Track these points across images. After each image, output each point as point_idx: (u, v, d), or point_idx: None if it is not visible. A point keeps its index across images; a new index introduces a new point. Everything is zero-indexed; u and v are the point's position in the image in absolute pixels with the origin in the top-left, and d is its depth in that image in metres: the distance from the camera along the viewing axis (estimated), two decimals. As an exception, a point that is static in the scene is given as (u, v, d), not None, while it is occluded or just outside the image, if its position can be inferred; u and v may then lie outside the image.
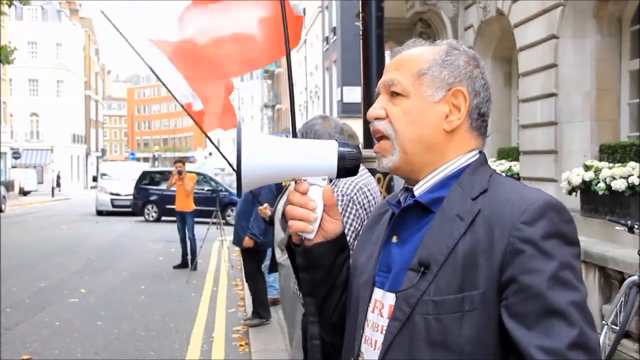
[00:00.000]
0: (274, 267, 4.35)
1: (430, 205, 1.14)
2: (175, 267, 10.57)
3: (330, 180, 1.22)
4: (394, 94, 1.18)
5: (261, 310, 6.58)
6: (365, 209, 2.66)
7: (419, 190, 1.17)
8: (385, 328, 1.12)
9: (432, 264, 1.07)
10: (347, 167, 1.17)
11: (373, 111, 1.19)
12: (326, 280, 1.26)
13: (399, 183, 1.28)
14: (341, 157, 1.17)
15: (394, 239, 1.18)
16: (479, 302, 1.03)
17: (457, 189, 1.12)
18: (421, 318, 1.06)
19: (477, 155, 1.18)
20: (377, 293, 1.18)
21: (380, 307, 1.16)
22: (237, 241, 6.69)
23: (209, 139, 5.82)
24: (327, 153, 1.17)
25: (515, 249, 1.01)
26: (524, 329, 0.98)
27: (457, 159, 1.17)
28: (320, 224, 1.20)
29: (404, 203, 1.19)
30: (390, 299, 1.13)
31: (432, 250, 1.08)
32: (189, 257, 10.51)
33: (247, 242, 6.43)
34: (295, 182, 1.18)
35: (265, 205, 5.01)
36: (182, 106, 4.20)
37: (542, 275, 0.99)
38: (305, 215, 1.17)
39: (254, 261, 6.70)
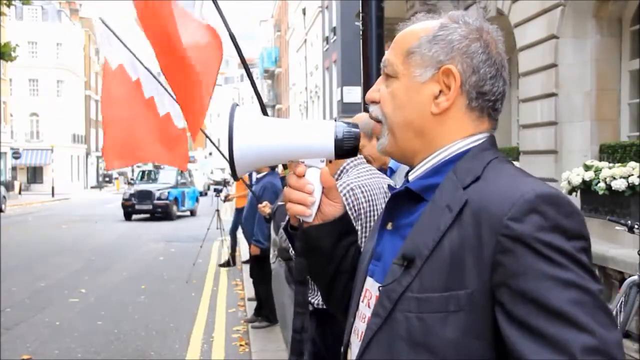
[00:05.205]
0: None
1: (423, 193, 1.05)
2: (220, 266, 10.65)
3: (330, 162, 1.18)
4: (388, 76, 1.11)
5: (271, 315, 6.51)
6: (354, 211, 2.50)
7: (412, 176, 1.10)
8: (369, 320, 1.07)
9: (417, 258, 0.98)
10: (345, 148, 1.12)
11: (369, 94, 1.14)
12: (329, 264, 1.21)
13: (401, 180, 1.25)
14: (338, 137, 1.12)
15: (389, 226, 1.12)
16: (466, 303, 0.93)
17: (452, 176, 1.02)
18: (403, 316, 0.98)
19: (483, 140, 1.06)
20: (368, 282, 1.12)
21: (369, 297, 1.10)
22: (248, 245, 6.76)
23: (209, 137, 5.84)
24: (323, 133, 1.12)
25: (504, 249, 0.90)
26: (524, 338, 0.87)
27: (455, 143, 1.06)
28: (319, 207, 1.16)
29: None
30: (376, 290, 1.06)
31: (418, 243, 0.99)
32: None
33: (254, 249, 6.37)
34: (285, 166, 1.15)
35: (265, 203, 4.99)
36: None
37: (537, 277, 0.87)
38: (302, 198, 1.14)
39: (263, 267, 6.45)
